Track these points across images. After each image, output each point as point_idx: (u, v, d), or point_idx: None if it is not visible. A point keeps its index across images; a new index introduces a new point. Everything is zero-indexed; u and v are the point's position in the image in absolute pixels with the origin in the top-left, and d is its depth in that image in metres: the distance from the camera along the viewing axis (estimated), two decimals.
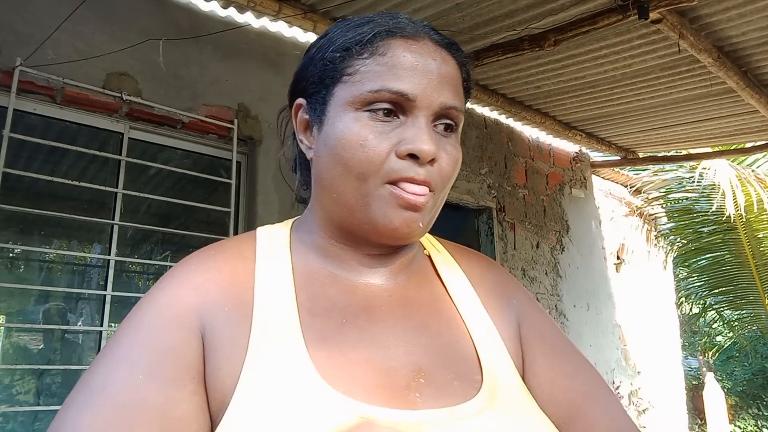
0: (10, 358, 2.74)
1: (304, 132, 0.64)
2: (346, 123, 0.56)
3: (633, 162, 4.86)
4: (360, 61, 0.57)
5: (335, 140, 0.56)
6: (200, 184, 2.72)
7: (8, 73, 2.10)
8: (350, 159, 0.55)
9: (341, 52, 0.58)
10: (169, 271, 0.59)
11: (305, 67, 0.63)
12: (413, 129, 0.56)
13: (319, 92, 0.60)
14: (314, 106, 0.61)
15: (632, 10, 2.39)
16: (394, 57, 0.56)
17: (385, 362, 0.55)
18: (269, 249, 0.62)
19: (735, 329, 6.54)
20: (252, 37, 2.81)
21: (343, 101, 0.57)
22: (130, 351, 0.51)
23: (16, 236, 2.65)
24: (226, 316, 0.54)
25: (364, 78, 0.56)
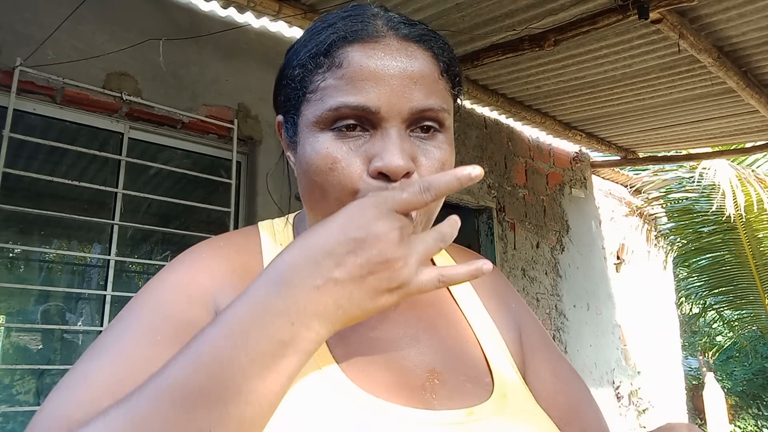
0: (10, 358, 2.74)
1: (288, 149, 0.61)
2: (313, 145, 0.52)
3: (633, 162, 4.86)
4: (319, 75, 0.53)
5: (307, 165, 0.53)
6: (200, 184, 2.72)
7: (8, 73, 2.10)
8: (324, 183, 0.52)
9: (300, 69, 0.54)
10: (178, 257, 0.58)
11: (277, 84, 0.60)
12: (381, 143, 0.51)
13: (289, 112, 0.57)
14: (288, 126, 0.59)
15: (632, 10, 2.39)
16: (350, 67, 0.51)
17: (401, 362, 0.55)
18: (274, 245, 0.61)
19: (735, 329, 6.54)
20: (252, 37, 2.81)
21: (309, 122, 0.53)
22: (147, 320, 0.50)
23: (16, 236, 2.65)
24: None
25: (325, 95, 0.52)
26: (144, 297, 0.53)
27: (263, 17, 2.63)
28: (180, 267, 0.56)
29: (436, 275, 0.44)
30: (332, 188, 0.52)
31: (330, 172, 0.51)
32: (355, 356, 0.53)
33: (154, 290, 0.54)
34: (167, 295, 0.53)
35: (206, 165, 2.72)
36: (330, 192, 0.52)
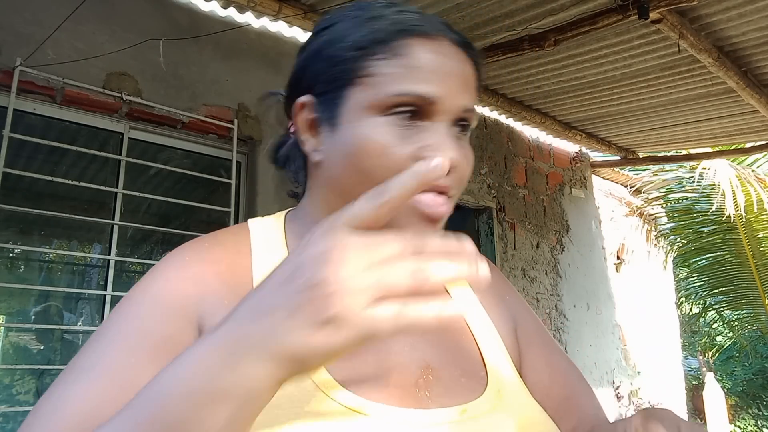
0: (10, 358, 2.74)
1: (309, 131, 0.59)
2: (366, 129, 0.53)
3: (633, 162, 4.86)
4: (377, 62, 0.53)
5: (354, 147, 0.53)
6: (200, 184, 2.72)
7: (8, 73, 2.10)
8: (372, 167, 0.52)
9: (354, 51, 0.54)
10: (161, 262, 0.56)
11: (310, 61, 0.58)
12: (436, 135, 0.53)
13: (330, 92, 0.56)
14: (324, 106, 0.56)
15: (632, 10, 2.39)
16: (414, 58, 0.53)
17: (394, 358, 0.55)
18: (264, 243, 0.60)
19: (735, 329, 6.54)
20: (252, 37, 2.81)
21: (362, 105, 0.53)
22: (126, 337, 0.49)
23: (16, 236, 2.65)
24: (227, 306, 0.51)
25: (384, 81, 0.52)
26: (124, 310, 0.53)
27: (263, 17, 2.63)
28: (161, 274, 0.55)
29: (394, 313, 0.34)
30: (379, 172, 0.51)
31: (383, 156, 0.52)
32: (349, 360, 0.52)
33: (134, 303, 0.53)
34: (147, 308, 0.52)
35: (206, 165, 2.72)
36: (375, 176, 0.51)
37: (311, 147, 0.58)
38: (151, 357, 0.48)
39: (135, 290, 0.55)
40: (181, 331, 0.50)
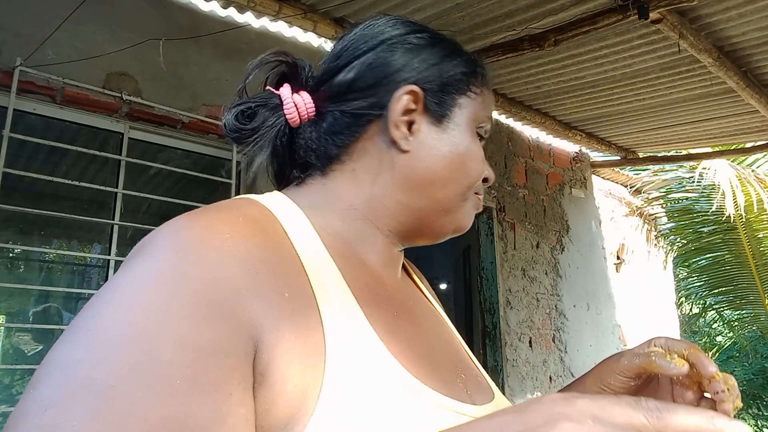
0: (10, 358, 2.74)
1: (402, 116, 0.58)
2: (472, 136, 0.61)
3: (633, 162, 4.86)
4: (479, 87, 0.63)
5: (465, 149, 0.60)
6: (200, 184, 2.72)
7: (8, 73, 2.10)
8: (472, 171, 0.61)
9: (470, 70, 0.62)
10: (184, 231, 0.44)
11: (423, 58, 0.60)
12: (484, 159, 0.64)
13: (445, 93, 0.60)
14: (437, 104, 0.60)
15: (632, 10, 2.39)
16: (490, 95, 0.65)
17: (436, 357, 0.57)
18: (294, 227, 0.52)
19: (735, 329, 6.54)
20: (252, 37, 2.81)
21: (469, 116, 0.61)
22: (155, 347, 0.36)
23: (16, 236, 2.65)
24: (290, 306, 0.44)
25: (484, 102, 0.63)
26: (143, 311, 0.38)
27: (263, 17, 2.63)
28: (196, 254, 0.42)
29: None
30: (475, 175, 0.62)
31: (480, 163, 0.62)
32: (406, 352, 0.51)
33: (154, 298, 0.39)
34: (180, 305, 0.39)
35: (206, 165, 2.72)
36: (472, 177, 0.61)
37: (402, 134, 0.58)
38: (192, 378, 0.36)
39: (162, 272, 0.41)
40: (228, 337, 0.39)
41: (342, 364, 0.44)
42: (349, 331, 0.47)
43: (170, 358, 0.36)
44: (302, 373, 0.42)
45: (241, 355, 0.39)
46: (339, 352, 0.45)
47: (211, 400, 0.36)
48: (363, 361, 0.46)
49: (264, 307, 0.43)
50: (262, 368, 0.41)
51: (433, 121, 0.60)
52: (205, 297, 0.40)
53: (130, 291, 0.40)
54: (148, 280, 0.40)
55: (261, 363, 0.41)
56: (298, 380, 0.42)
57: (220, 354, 0.38)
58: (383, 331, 0.50)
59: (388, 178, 0.59)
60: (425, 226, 0.62)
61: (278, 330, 0.42)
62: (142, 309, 0.38)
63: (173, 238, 0.43)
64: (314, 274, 0.49)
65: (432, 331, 0.62)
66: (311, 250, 0.51)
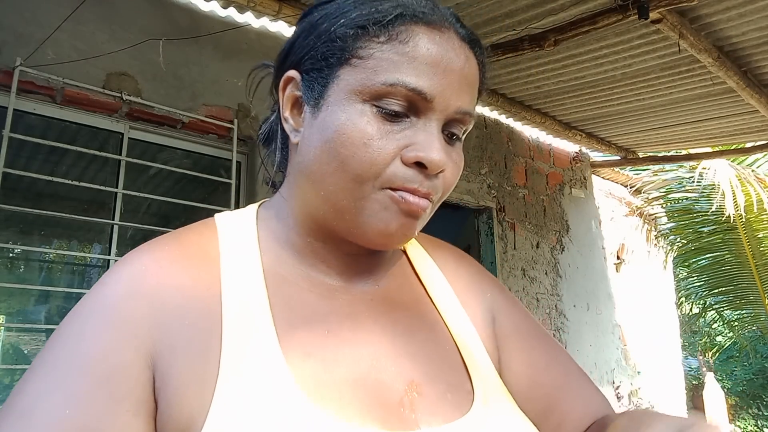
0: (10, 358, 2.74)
1: (291, 110, 0.55)
2: (350, 115, 0.48)
3: (633, 162, 4.86)
4: (376, 44, 0.49)
5: (334, 132, 0.49)
6: (200, 184, 2.72)
7: (8, 73, 2.10)
8: (349, 157, 0.48)
9: (354, 29, 0.49)
10: (117, 266, 0.49)
11: (304, 34, 0.54)
12: (424, 134, 0.49)
13: (320, 70, 0.51)
14: (311, 84, 0.52)
15: (632, 10, 2.39)
16: (416, 47, 0.48)
17: (376, 376, 0.50)
18: (235, 245, 0.53)
19: (735, 329, 6.54)
20: (252, 37, 2.81)
21: (350, 88, 0.49)
22: (64, 376, 0.43)
23: (16, 236, 2.65)
24: (188, 332, 0.46)
25: (379, 66, 0.48)
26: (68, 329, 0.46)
27: (263, 17, 2.63)
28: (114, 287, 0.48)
29: None
30: (358, 165, 0.48)
31: (362, 147, 0.48)
32: (322, 376, 0.47)
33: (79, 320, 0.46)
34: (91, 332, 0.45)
35: (206, 165, 2.72)
36: (352, 167, 0.48)
37: (291, 127, 0.54)
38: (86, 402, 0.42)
39: (88, 300, 0.48)
40: (130, 364, 0.44)
41: (230, 395, 0.43)
42: (249, 358, 0.45)
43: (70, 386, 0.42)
44: (190, 399, 0.43)
45: (135, 381, 0.44)
46: (230, 381, 0.44)
47: (94, 423, 0.41)
48: (254, 390, 0.44)
49: (162, 336, 0.45)
50: (156, 394, 0.44)
51: (313, 106, 0.52)
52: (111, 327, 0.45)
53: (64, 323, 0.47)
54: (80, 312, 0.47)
55: (156, 390, 0.45)
56: (185, 407, 0.43)
57: (111, 382, 0.43)
58: (297, 355, 0.47)
59: (294, 177, 0.55)
60: (328, 228, 0.53)
61: (171, 357, 0.45)
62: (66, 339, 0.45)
63: (111, 272, 0.49)
64: (231, 299, 0.48)
65: (385, 345, 0.53)
66: (240, 275, 0.51)
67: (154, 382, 0.45)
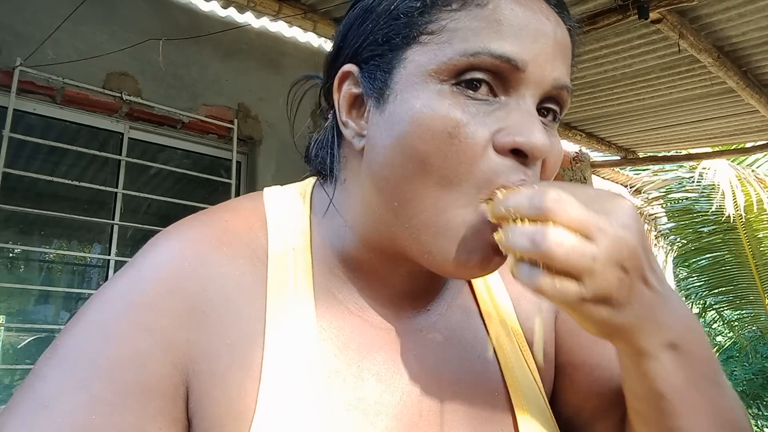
0: (10, 358, 2.74)
1: (350, 111, 0.45)
2: (426, 100, 0.39)
3: (633, 162, 4.86)
4: (447, 14, 0.40)
5: (408, 125, 0.39)
6: (200, 184, 2.72)
7: (8, 73, 2.10)
8: (432, 154, 0.39)
9: (421, 1, 0.41)
10: (153, 250, 0.43)
11: (359, 22, 0.45)
12: (519, 113, 0.40)
13: (383, 56, 0.42)
14: (372, 75, 0.43)
15: (632, 10, 2.39)
16: (497, 9, 0.40)
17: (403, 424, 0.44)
18: (286, 247, 0.46)
19: (735, 329, 6.54)
20: (252, 37, 2.81)
21: (422, 69, 0.40)
22: (91, 378, 0.38)
23: (16, 236, 2.65)
24: (230, 354, 0.41)
25: (455, 37, 0.39)
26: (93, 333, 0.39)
27: (263, 17, 2.63)
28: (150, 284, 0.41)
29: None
30: (444, 162, 0.38)
31: (448, 138, 0.38)
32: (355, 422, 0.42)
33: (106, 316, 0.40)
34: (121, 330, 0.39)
35: (206, 165, 2.72)
36: (437, 167, 0.39)
37: (353, 132, 0.45)
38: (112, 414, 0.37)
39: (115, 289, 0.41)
40: (165, 377, 0.39)
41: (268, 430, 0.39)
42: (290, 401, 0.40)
43: (97, 391, 0.37)
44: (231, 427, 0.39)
45: (169, 398, 0.39)
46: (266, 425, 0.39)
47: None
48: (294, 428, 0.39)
49: (203, 354, 0.40)
50: (190, 416, 0.40)
51: (378, 99, 0.43)
52: (144, 333, 0.39)
53: (90, 310, 0.41)
54: (104, 303, 0.41)
55: (190, 410, 0.40)
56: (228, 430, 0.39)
57: (144, 395, 0.38)
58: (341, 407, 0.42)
59: (359, 186, 0.46)
60: (404, 251, 0.44)
61: (210, 382, 0.40)
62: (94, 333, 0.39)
63: (142, 258, 0.43)
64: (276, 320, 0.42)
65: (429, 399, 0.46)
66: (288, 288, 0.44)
67: (187, 401, 0.40)
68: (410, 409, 0.45)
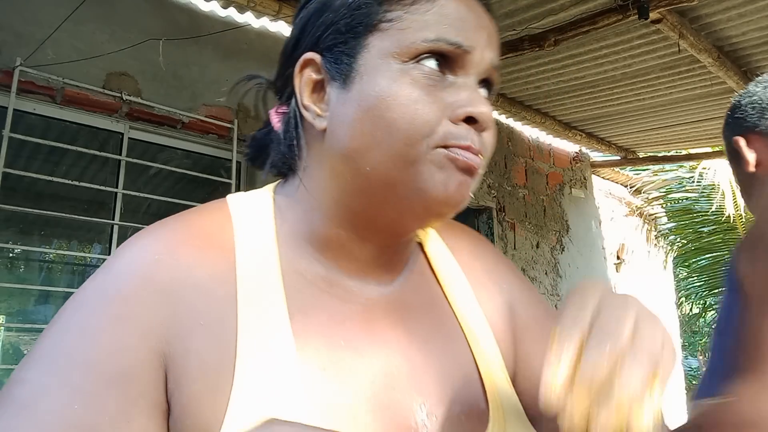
0: (10, 358, 2.74)
1: (311, 95, 0.51)
2: (391, 78, 0.46)
3: (633, 162, 4.87)
4: (402, 6, 0.48)
5: (376, 98, 0.46)
6: (200, 184, 2.72)
7: (8, 73, 2.10)
8: (398, 119, 0.46)
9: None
10: (123, 252, 0.47)
11: (318, 13, 0.51)
12: (467, 90, 0.48)
13: (346, 43, 0.49)
14: (338, 60, 0.49)
15: (632, 10, 2.39)
16: (444, 6, 0.48)
17: (390, 395, 0.48)
18: (251, 236, 0.51)
19: None
20: (252, 37, 2.81)
21: (385, 52, 0.47)
22: (69, 371, 0.40)
23: (16, 236, 2.65)
24: (203, 335, 0.44)
25: (413, 25, 0.47)
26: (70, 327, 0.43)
27: (263, 17, 2.63)
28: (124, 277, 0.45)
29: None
30: (409, 125, 0.46)
31: (412, 105, 0.46)
32: (336, 394, 0.45)
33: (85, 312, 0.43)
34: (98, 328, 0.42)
35: (206, 165, 2.72)
36: (403, 129, 0.46)
37: (314, 114, 0.51)
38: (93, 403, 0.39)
39: (88, 291, 0.45)
40: (137, 365, 0.41)
41: (244, 408, 0.41)
42: (265, 370, 0.43)
43: (77, 382, 0.40)
44: (204, 409, 0.42)
45: (149, 382, 0.42)
46: (244, 394, 0.42)
47: (107, 424, 0.39)
48: (270, 408, 0.42)
49: (176, 337, 0.43)
50: (168, 397, 0.43)
51: (341, 83, 0.49)
52: (120, 323, 0.42)
53: (69, 311, 0.44)
54: (83, 302, 0.44)
55: (169, 391, 0.43)
56: (199, 416, 0.42)
57: (124, 382, 0.41)
58: (315, 370, 0.45)
59: (325, 166, 0.51)
60: (382, 212, 0.49)
61: (185, 361, 0.43)
62: (70, 331, 0.42)
63: (116, 260, 0.46)
64: (248, 300, 0.46)
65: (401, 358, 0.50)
66: (256, 271, 0.48)
67: (166, 383, 0.43)
68: (384, 370, 0.49)
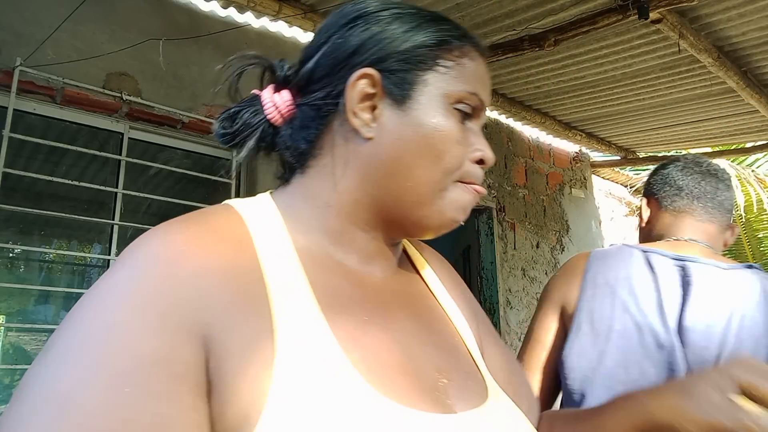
0: (10, 358, 2.74)
1: (361, 103, 0.56)
2: (444, 116, 0.55)
3: (633, 162, 4.87)
4: (453, 58, 0.57)
5: (433, 129, 0.55)
6: (200, 184, 2.72)
7: (8, 73, 2.10)
8: (445, 153, 0.55)
9: (436, 40, 0.56)
10: (140, 249, 0.46)
11: (386, 37, 0.56)
12: (479, 137, 0.59)
13: (405, 71, 0.55)
14: (399, 84, 0.55)
15: (632, 10, 2.39)
16: (477, 66, 0.58)
17: (412, 363, 0.52)
18: (263, 228, 0.53)
19: None
20: (252, 37, 2.81)
21: (440, 92, 0.55)
22: (106, 358, 0.39)
23: (16, 236, 2.65)
24: (239, 315, 0.45)
25: (461, 76, 0.56)
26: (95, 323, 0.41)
27: (263, 17, 2.63)
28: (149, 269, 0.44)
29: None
30: (450, 159, 0.56)
31: (455, 144, 0.56)
32: (371, 360, 0.48)
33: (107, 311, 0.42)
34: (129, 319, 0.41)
35: (206, 165, 2.72)
36: (446, 161, 0.55)
37: (362, 122, 0.56)
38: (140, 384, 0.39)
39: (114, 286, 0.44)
40: (175, 347, 0.41)
41: (290, 376, 0.43)
42: (303, 340, 0.46)
43: (119, 369, 0.39)
44: (248, 383, 0.43)
45: (190, 363, 0.42)
46: (288, 363, 0.44)
47: (157, 405, 0.39)
48: (315, 372, 0.44)
49: (213, 319, 0.44)
50: (212, 377, 0.43)
51: (395, 103, 0.55)
52: (154, 309, 0.42)
53: (91, 306, 0.43)
54: (106, 296, 0.43)
55: (211, 372, 0.43)
56: (244, 390, 0.42)
57: (166, 362, 0.40)
58: (346, 339, 0.48)
59: (356, 169, 0.56)
60: (402, 219, 0.57)
61: (226, 340, 0.44)
62: (98, 324, 0.41)
63: (135, 254, 0.46)
64: (274, 281, 0.48)
65: (413, 333, 0.56)
66: (276, 257, 0.51)
67: (207, 363, 0.43)
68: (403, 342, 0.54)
